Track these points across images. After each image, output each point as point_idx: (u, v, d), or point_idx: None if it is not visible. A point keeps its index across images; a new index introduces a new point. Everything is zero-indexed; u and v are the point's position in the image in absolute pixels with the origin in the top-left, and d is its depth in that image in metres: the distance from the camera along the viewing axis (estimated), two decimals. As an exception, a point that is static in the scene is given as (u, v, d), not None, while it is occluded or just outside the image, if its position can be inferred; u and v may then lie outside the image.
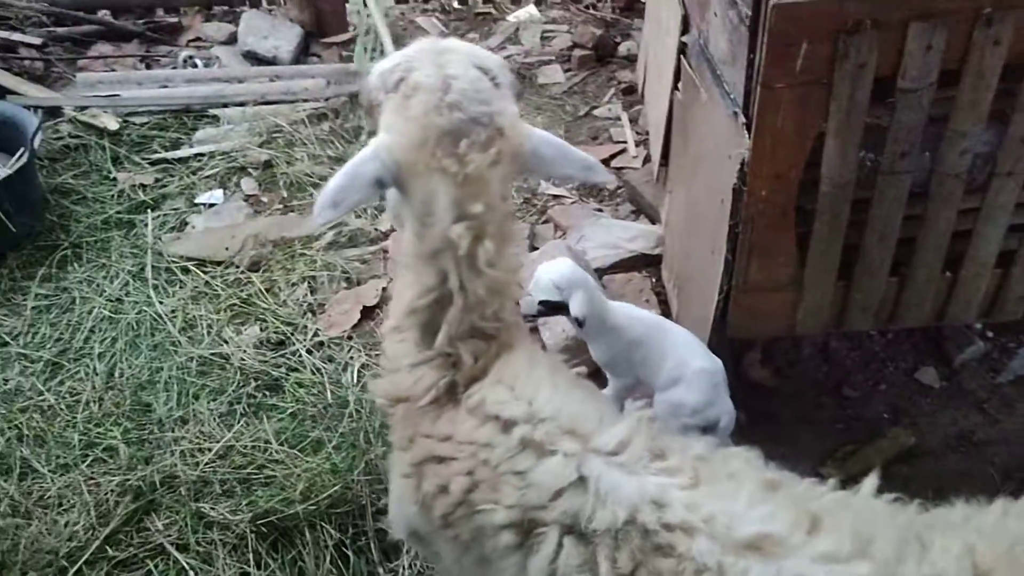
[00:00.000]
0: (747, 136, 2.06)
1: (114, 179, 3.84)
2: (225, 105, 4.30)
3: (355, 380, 2.81)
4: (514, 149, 1.35)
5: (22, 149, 3.46)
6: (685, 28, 2.75)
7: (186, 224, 3.60)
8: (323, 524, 2.32)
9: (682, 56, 2.72)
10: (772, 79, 1.94)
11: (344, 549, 2.29)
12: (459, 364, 1.37)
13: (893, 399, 2.81)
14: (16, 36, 4.70)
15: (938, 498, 1.19)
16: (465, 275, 1.33)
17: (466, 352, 1.36)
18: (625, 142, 3.96)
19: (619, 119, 4.15)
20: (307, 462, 2.48)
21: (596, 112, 4.28)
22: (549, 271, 2.29)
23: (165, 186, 3.82)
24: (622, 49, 4.73)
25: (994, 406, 2.79)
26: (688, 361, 2.27)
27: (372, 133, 1.42)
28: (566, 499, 1.19)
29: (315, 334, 3.00)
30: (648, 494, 1.14)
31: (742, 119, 2.10)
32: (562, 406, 1.27)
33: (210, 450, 2.55)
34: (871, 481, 1.16)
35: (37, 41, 4.69)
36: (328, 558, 2.27)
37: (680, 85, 2.82)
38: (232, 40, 4.97)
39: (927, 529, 1.06)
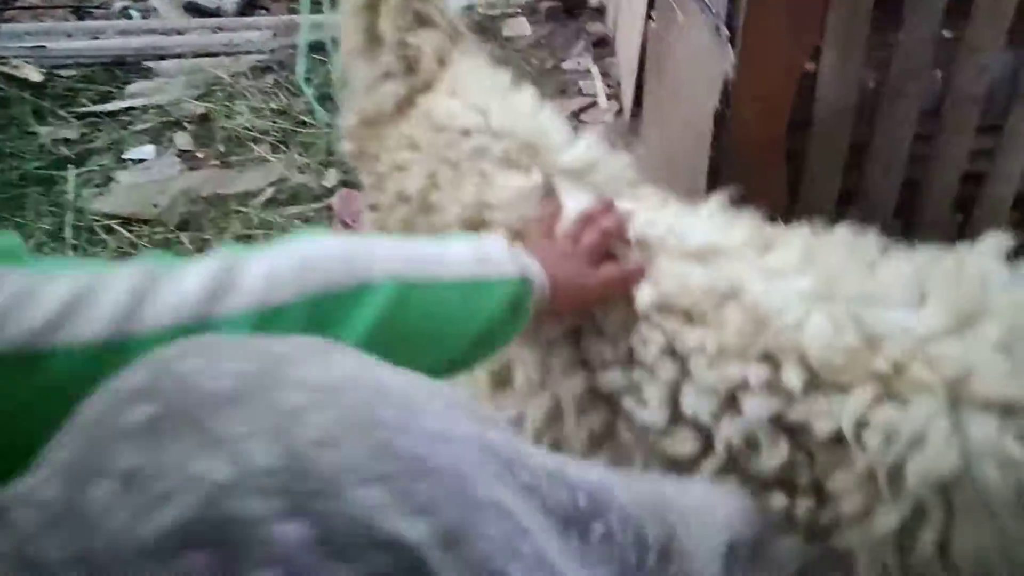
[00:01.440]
0: (731, 51, 1.76)
1: (34, 133, 3.48)
2: (162, 57, 3.94)
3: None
4: None
5: (-77, 97, 3.11)
6: (660, -54, 2.45)
7: (111, 180, 3.25)
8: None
9: (657, -21, 2.42)
10: (761, -23, 1.65)
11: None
12: (415, 66, 1.32)
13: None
14: (-66, -16, 4.31)
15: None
16: None
17: (424, 43, 1.31)
18: (595, 95, 3.66)
19: (588, 72, 3.84)
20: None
21: (564, 65, 3.96)
22: None
23: (91, 141, 3.47)
24: (592, 0, 4.41)
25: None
26: None
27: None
28: (522, 206, 1.15)
29: (247, 297, 2.68)
30: None
31: (725, 32, 1.80)
32: (517, 120, 1.22)
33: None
34: (846, 228, 1.05)
35: (-43, -10, 4.30)
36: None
37: (654, 14, 2.52)
38: (174, -9, 4.60)
39: (882, 258, 0.99)
